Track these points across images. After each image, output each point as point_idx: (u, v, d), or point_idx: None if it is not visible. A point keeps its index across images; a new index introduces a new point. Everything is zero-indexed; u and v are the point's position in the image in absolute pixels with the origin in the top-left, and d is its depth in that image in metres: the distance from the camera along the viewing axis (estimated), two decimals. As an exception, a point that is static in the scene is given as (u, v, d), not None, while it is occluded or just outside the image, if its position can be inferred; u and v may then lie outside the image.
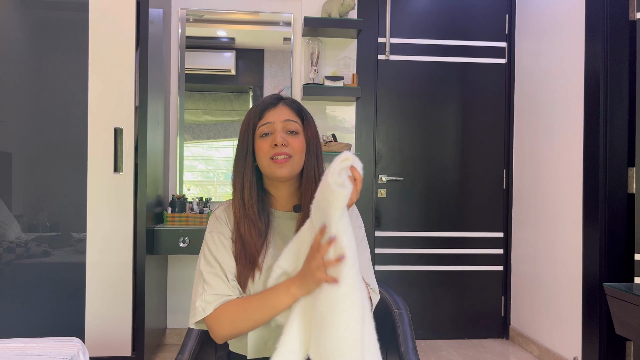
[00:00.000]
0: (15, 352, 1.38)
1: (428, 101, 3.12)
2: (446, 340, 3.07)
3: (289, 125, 1.13)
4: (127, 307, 2.33)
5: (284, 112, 1.14)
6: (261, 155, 1.12)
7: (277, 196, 1.18)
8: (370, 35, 3.03)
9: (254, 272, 1.10)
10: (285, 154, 1.10)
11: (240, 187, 1.13)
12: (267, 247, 1.13)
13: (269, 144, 1.11)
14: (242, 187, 1.13)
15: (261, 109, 1.13)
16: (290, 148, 1.11)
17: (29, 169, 2.34)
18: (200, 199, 2.82)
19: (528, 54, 2.97)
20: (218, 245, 1.14)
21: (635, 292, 1.61)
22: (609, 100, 2.30)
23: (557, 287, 2.62)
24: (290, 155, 1.11)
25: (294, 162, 1.11)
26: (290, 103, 1.17)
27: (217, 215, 1.18)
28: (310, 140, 1.16)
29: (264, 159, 1.11)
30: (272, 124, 1.12)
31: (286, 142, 1.10)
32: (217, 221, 1.17)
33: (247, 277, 1.11)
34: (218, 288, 1.10)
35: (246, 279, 1.11)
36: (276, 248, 1.14)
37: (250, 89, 3.04)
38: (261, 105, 1.14)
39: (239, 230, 1.12)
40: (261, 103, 1.15)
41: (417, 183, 3.10)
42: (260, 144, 1.12)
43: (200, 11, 2.96)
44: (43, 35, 2.35)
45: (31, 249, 2.30)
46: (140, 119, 2.36)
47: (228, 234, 1.15)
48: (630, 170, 2.30)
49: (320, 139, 1.20)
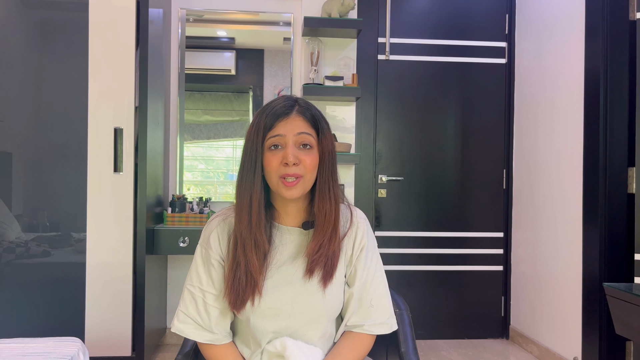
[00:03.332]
0: (15, 352, 1.37)
1: (428, 101, 3.12)
2: (446, 340, 3.07)
3: (302, 139, 1.02)
4: (127, 307, 2.33)
5: (297, 124, 1.03)
6: (270, 171, 1.02)
7: (284, 212, 1.09)
8: (370, 35, 3.03)
9: (254, 295, 1.04)
10: (296, 175, 1.00)
11: (248, 206, 1.02)
12: (267, 268, 1.06)
13: (279, 160, 1.01)
14: (250, 205, 1.02)
15: (273, 118, 1.02)
16: (301, 167, 1.01)
17: (29, 169, 2.34)
18: (200, 199, 2.82)
19: (528, 54, 2.97)
20: (205, 265, 1.11)
21: (635, 292, 1.61)
22: (609, 100, 2.30)
23: (557, 287, 2.62)
24: (302, 175, 1.01)
25: (306, 181, 1.02)
26: (305, 111, 1.05)
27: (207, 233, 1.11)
28: (324, 153, 1.05)
29: (273, 175, 1.02)
30: (283, 137, 1.01)
31: (297, 161, 1.00)
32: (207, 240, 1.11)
33: (246, 299, 1.04)
34: (189, 309, 1.11)
35: (244, 301, 1.04)
36: (275, 269, 1.07)
37: (250, 89, 3.04)
38: (272, 112, 1.03)
39: (244, 251, 1.03)
40: (272, 109, 1.03)
41: (417, 183, 3.10)
42: (269, 158, 1.02)
43: (200, 11, 2.96)
44: (43, 35, 2.35)
45: (31, 249, 2.30)
46: (140, 119, 2.36)
47: (215, 257, 1.09)
48: (630, 170, 2.30)
49: (335, 149, 1.08)
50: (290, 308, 1.07)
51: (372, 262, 1.13)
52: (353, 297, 1.11)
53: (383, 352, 1.33)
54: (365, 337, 1.13)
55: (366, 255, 1.12)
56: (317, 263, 1.04)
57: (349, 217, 1.12)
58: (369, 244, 1.13)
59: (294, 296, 1.06)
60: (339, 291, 1.10)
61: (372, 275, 1.12)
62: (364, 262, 1.11)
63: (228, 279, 1.05)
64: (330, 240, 1.04)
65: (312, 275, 1.06)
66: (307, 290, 1.07)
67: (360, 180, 2.99)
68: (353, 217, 1.12)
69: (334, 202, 1.05)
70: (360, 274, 1.11)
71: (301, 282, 1.07)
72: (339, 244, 1.06)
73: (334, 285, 1.08)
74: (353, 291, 1.11)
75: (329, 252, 1.04)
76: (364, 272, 1.11)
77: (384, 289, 1.15)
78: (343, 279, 1.11)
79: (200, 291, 1.10)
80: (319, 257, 1.04)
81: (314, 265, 1.04)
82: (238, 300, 1.04)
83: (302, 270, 1.07)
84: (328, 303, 1.08)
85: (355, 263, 1.11)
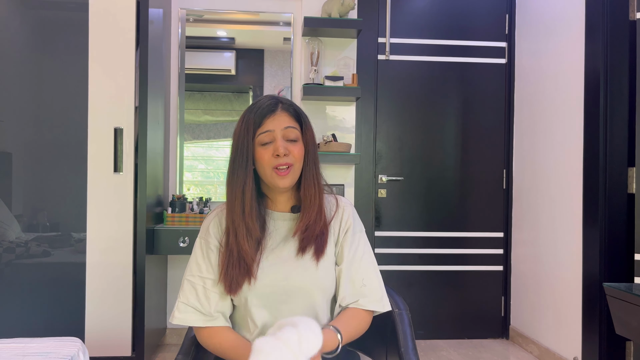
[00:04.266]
0: (15, 352, 1.38)
1: (428, 101, 3.12)
2: (446, 340, 3.07)
3: (289, 133, 1.14)
4: (127, 307, 2.33)
5: (283, 119, 1.14)
6: (263, 164, 1.12)
7: (275, 199, 1.20)
8: (370, 35, 3.03)
9: (249, 277, 1.12)
10: (287, 164, 1.12)
11: (241, 197, 1.12)
12: (261, 252, 1.15)
13: (270, 153, 1.12)
14: (243, 196, 1.12)
15: (260, 116, 1.13)
16: (291, 157, 1.12)
17: (29, 169, 2.34)
18: (200, 199, 2.82)
19: (528, 54, 2.97)
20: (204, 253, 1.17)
21: (635, 292, 1.61)
22: (609, 100, 2.30)
23: (557, 287, 2.62)
24: (291, 164, 1.12)
25: (295, 170, 1.14)
26: (288, 107, 1.17)
27: (207, 223, 1.20)
28: (308, 144, 1.17)
29: (266, 168, 1.12)
30: (272, 132, 1.12)
31: (287, 152, 1.12)
32: (206, 229, 1.19)
33: (241, 283, 1.12)
34: (190, 298, 1.14)
35: (240, 285, 1.12)
36: (270, 251, 1.16)
37: (250, 89, 3.04)
38: (259, 110, 1.14)
39: (236, 239, 1.12)
40: (258, 107, 1.14)
41: (417, 183, 3.10)
42: (261, 153, 1.12)
43: (200, 11, 2.96)
44: (43, 35, 2.35)
45: (31, 249, 2.30)
46: (140, 119, 2.36)
47: (214, 243, 1.17)
48: (630, 170, 2.30)
49: (316, 141, 1.21)
50: (286, 284, 1.13)
51: (359, 243, 1.20)
52: (343, 275, 1.17)
53: (383, 352, 1.33)
54: (360, 311, 1.17)
55: (352, 235, 1.20)
56: (308, 240, 1.14)
57: (334, 203, 1.23)
58: (355, 226, 1.21)
59: (288, 272, 1.13)
60: (330, 268, 1.17)
61: (359, 256, 1.19)
62: (350, 241, 1.19)
63: (222, 265, 1.13)
64: (316, 221, 1.14)
65: (304, 252, 1.14)
66: (301, 266, 1.14)
67: (360, 180, 2.99)
68: (339, 202, 1.23)
69: (317, 187, 1.16)
70: (347, 252, 1.18)
71: (294, 259, 1.15)
72: (325, 224, 1.16)
73: (326, 261, 1.16)
74: (342, 268, 1.18)
75: (317, 231, 1.14)
76: (351, 251, 1.19)
77: (373, 272, 1.20)
78: (333, 257, 1.19)
79: (201, 279, 1.15)
80: (309, 235, 1.14)
81: (305, 242, 1.14)
82: (233, 284, 1.11)
83: (295, 249, 1.15)
84: (321, 277, 1.14)
85: (342, 242, 1.19)
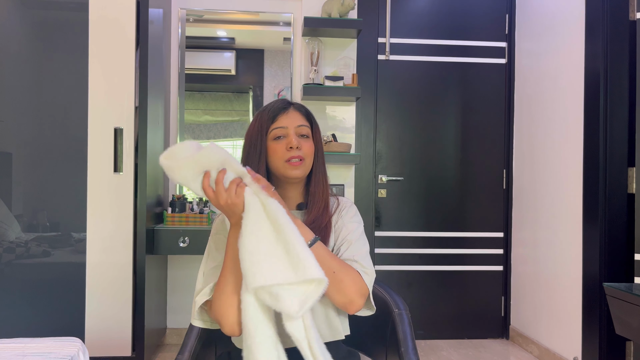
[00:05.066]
0: (15, 352, 1.38)
1: (428, 101, 3.12)
2: (446, 340, 3.07)
3: (301, 130, 1.19)
4: (127, 307, 2.33)
5: (296, 117, 1.20)
6: (276, 158, 1.17)
7: (284, 196, 1.22)
8: (370, 35, 3.03)
9: None
10: (299, 157, 1.16)
11: None
12: None
13: (284, 147, 1.16)
14: None
15: (274, 113, 1.19)
16: (303, 151, 1.17)
17: (29, 169, 2.34)
18: (200, 199, 2.82)
19: (528, 54, 2.97)
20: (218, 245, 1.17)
21: (635, 292, 1.61)
22: (609, 100, 2.30)
23: (557, 287, 2.62)
24: (303, 158, 1.17)
25: (306, 164, 1.19)
26: (300, 107, 1.23)
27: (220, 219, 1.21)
28: (317, 143, 1.23)
29: (278, 160, 1.17)
30: (285, 128, 1.18)
31: (300, 146, 1.17)
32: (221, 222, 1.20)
33: None
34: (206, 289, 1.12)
35: None
36: None
37: (250, 89, 3.04)
38: (273, 109, 1.20)
39: None
40: (272, 107, 1.20)
41: (417, 183, 3.10)
42: (274, 147, 1.17)
43: (200, 11, 2.96)
44: (43, 35, 2.35)
45: (31, 249, 2.30)
46: (140, 119, 2.36)
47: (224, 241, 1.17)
48: (630, 170, 2.30)
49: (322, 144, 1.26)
50: None
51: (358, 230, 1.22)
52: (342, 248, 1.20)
53: (383, 352, 1.33)
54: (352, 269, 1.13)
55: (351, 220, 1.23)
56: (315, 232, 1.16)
57: (336, 203, 1.29)
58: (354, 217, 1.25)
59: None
60: None
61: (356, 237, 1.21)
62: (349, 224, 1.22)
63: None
64: (322, 215, 1.20)
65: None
66: None
67: (360, 180, 2.99)
68: (339, 202, 1.29)
69: (325, 185, 1.24)
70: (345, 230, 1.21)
71: None
72: (329, 219, 1.22)
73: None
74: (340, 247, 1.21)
75: (322, 224, 1.20)
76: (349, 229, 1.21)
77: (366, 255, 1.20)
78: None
79: (217, 268, 1.14)
80: (316, 227, 1.18)
81: None
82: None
83: None
84: None
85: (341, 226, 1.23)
